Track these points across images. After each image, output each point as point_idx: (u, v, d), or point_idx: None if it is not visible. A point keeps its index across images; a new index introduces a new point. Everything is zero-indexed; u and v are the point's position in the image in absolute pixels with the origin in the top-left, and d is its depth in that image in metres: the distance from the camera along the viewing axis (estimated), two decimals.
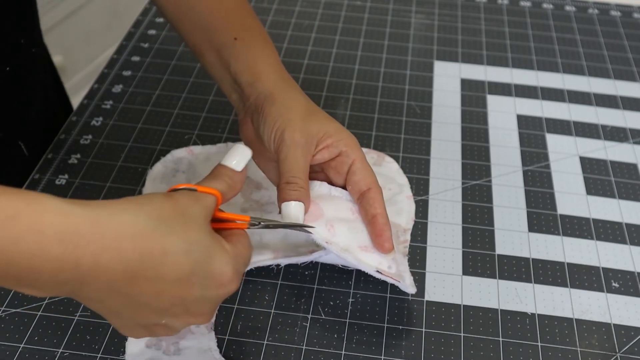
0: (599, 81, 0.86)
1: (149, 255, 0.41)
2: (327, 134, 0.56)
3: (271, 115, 0.56)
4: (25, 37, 0.70)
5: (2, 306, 0.58)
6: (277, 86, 0.58)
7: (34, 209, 0.38)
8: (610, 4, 1.00)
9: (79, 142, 0.74)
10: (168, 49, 0.88)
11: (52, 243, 0.38)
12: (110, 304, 0.43)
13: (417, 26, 0.94)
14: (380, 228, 0.56)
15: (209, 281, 0.44)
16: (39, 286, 0.40)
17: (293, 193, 0.54)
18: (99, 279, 0.40)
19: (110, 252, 0.40)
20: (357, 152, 0.57)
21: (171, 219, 0.43)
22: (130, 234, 0.41)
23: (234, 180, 0.50)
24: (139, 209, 0.42)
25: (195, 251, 0.43)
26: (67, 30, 1.79)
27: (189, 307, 0.45)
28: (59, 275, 0.39)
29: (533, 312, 0.60)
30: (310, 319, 0.58)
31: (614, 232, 0.67)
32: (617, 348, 0.57)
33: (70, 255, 0.39)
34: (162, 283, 0.42)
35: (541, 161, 0.74)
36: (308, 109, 0.58)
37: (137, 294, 0.42)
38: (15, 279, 0.39)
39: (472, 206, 0.69)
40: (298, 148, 0.55)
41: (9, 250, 0.37)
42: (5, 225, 0.37)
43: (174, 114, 0.78)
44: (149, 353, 0.54)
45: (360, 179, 0.57)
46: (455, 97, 0.82)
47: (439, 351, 0.56)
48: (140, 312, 0.44)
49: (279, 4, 0.98)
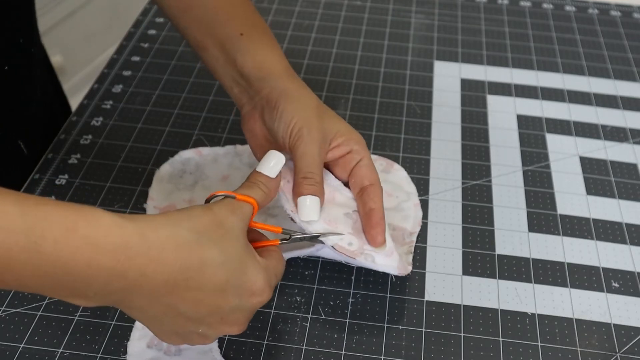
0: (599, 81, 0.86)
1: (188, 267, 0.43)
2: (339, 132, 0.58)
3: (288, 112, 0.57)
4: (23, 37, 0.70)
5: (2, 306, 0.58)
6: (290, 83, 0.59)
7: (90, 222, 0.41)
8: (610, 4, 1.00)
9: (79, 142, 0.74)
10: (168, 49, 0.88)
11: (105, 255, 0.41)
12: (152, 313, 0.45)
13: (417, 26, 0.94)
14: (376, 221, 0.56)
15: (242, 290, 0.46)
16: (90, 296, 0.42)
17: (310, 188, 0.55)
18: (142, 288, 0.43)
19: (155, 263, 0.42)
20: (365, 151, 0.59)
21: (209, 232, 0.45)
22: (172, 247, 0.43)
23: (269, 188, 0.52)
24: (180, 223, 0.44)
25: (231, 262, 0.45)
26: (66, 30, 1.79)
27: (224, 317, 0.47)
28: (108, 285, 0.41)
29: (533, 312, 0.60)
30: (310, 319, 0.58)
31: (614, 232, 0.67)
32: (617, 348, 0.57)
33: (120, 267, 0.41)
34: (200, 293, 0.45)
35: (541, 161, 0.74)
36: (320, 108, 0.59)
37: (176, 303, 0.44)
38: (69, 289, 0.41)
39: (472, 206, 0.69)
40: (316, 145, 0.56)
41: (67, 261, 0.40)
42: (65, 238, 0.39)
43: (174, 114, 0.78)
44: (150, 353, 0.54)
45: (365, 175, 0.58)
46: (455, 97, 0.82)
47: (439, 351, 0.56)
48: (179, 321, 0.46)
49: (279, 4, 0.98)
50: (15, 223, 0.38)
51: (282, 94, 0.58)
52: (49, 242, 0.39)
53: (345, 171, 0.59)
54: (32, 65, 0.74)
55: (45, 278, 0.40)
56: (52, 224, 0.39)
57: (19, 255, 0.39)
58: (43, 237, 0.39)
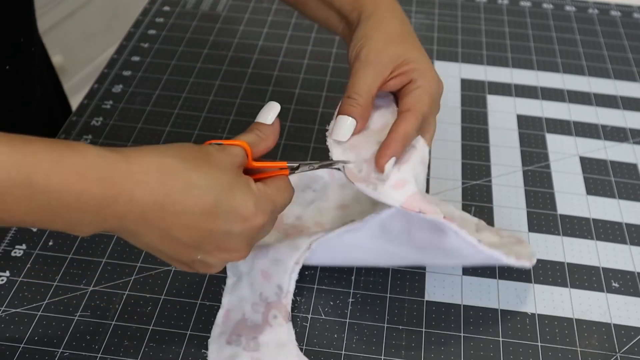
0: (599, 81, 0.86)
1: (173, 189, 0.45)
2: (406, 60, 0.55)
3: (358, 33, 0.57)
4: (24, 36, 0.70)
5: (2, 306, 0.58)
6: (378, 9, 0.58)
7: (76, 154, 0.43)
8: (610, 4, 1.00)
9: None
10: (168, 49, 0.88)
11: (94, 183, 0.42)
12: (149, 239, 0.47)
13: (417, 26, 0.94)
14: (386, 144, 0.52)
15: (231, 215, 0.47)
16: (85, 224, 0.44)
17: (349, 108, 0.54)
18: (133, 212, 0.44)
19: (141, 187, 0.44)
20: (427, 82, 0.55)
21: (196, 159, 0.46)
22: (157, 170, 0.44)
23: (263, 132, 0.52)
24: (167, 150, 0.46)
25: (217, 186, 0.46)
26: (67, 30, 1.79)
27: (218, 242, 0.48)
28: (100, 212, 0.43)
29: (533, 312, 0.60)
30: (310, 319, 0.58)
31: (614, 232, 0.67)
32: (617, 348, 0.57)
33: (109, 193, 0.43)
34: (188, 216, 0.45)
35: (541, 161, 0.74)
36: (398, 33, 0.57)
37: (167, 227, 0.46)
38: (65, 220, 0.44)
39: (472, 206, 0.69)
40: (370, 66, 0.55)
41: (59, 192, 0.42)
42: (54, 170, 0.41)
43: (174, 114, 0.78)
44: (229, 349, 0.55)
45: (408, 101, 0.54)
46: (455, 97, 0.82)
47: (439, 351, 0.56)
48: (175, 247, 0.47)
49: (279, 4, 0.98)
50: (6, 161, 0.40)
51: (365, 19, 0.57)
52: (39, 175, 0.41)
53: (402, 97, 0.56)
54: (33, 64, 0.74)
55: (41, 211, 0.42)
56: (41, 158, 0.41)
57: (13, 190, 0.41)
58: (34, 171, 0.41)
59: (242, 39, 0.91)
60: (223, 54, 0.88)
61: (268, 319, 0.56)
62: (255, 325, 0.56)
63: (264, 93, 0.82)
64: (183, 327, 0.57)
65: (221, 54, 0.88)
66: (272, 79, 0.84)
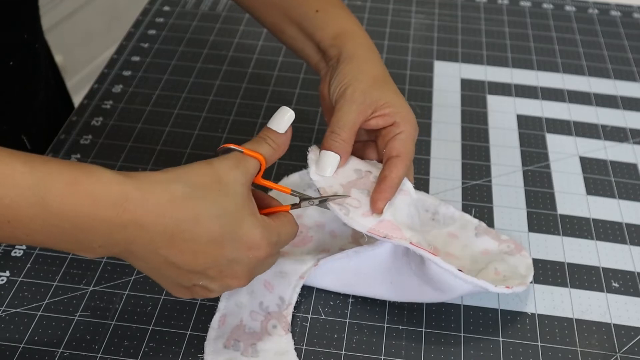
0: (599, 81, 0.86)
1: (183, 219, 0.46)
2: (387, 103, 0.58)
3: (343, 73, 0.58)
4: (28, 32, 0.70)
5: (2, 306, 0.58)
6: (361, 51, 0.60)
7: (90, 178, 0.44)
8: (610, 4, 1.00)
9: (79, 142, 0.74)
10: (168, 49, 0.88)
11: (106, 208, 0.43)
12: (153, 264, 0.47)
13: (417, 26, 0.94)
14: (383, 188, 0.55)
15: (238, 244, 0.48)
16: (95, 248, 0.45)
17: (333, 143, 0.56)
18: (142, 239, 0.45)
19: (152, 215, 0.45)
20: (410, 127, 0.58)
21: (206, 186, 0.47)
22: (168, 200, 0.45)
23: (277, 144, 0.52)
24: (178, 178, 0.47)
25: (226, 215, 0.47)
26: (67, 30, 1.79)
27: (223, 269, 0.48)
28: (110, 237, 0.44)
29: (533, 312, 0.60)
30: (310, 319, 0.58)
31: (614, 232, 0.67)
32: (617, 348, 0.57)
33: (120, 219, 0.44)
34: (196, 244, 0.46)
35: (541, 161, 0.74)
36: (381, 77, 0.59)
37: (174, 255, 0.46)
38: (76, 242, 0.44)
39: (472, 206, 0.69)
40: (354, 104, 0.57)
41: (72, 214, 0.43)
42: (68, 192, 0.42)
43: (174, 114, 0.78)
44: (227, 353, 0.54)
45: (396, 147, 0.57)
46: (455, 97, 0.82)
47: (439, 351, 0.56)
48: (179, 272, 0.48)
49: None
50: (24, 179, 0.42)
51: (347, 58, 0.59)
52: (54, 196, 0.42)
53: (384, 142, 0.58)
54: (36, 60, 0.74)
55: (53, 232, 0.43)
56: (56, 179, 0.42)
57: (28, 210, 0.42)
58: (49, 192, 0.42)
59: (242, 39, 0.91)
60: (223, 54, 0.88)
61: (267, 328, 0.56)
62: (253, 332, 0.56)
63: (264, 93, 0.82)
64: (183, 327, 0.57)
65: (221, 54, 0.88)
66: (272, 79, 0.84)
